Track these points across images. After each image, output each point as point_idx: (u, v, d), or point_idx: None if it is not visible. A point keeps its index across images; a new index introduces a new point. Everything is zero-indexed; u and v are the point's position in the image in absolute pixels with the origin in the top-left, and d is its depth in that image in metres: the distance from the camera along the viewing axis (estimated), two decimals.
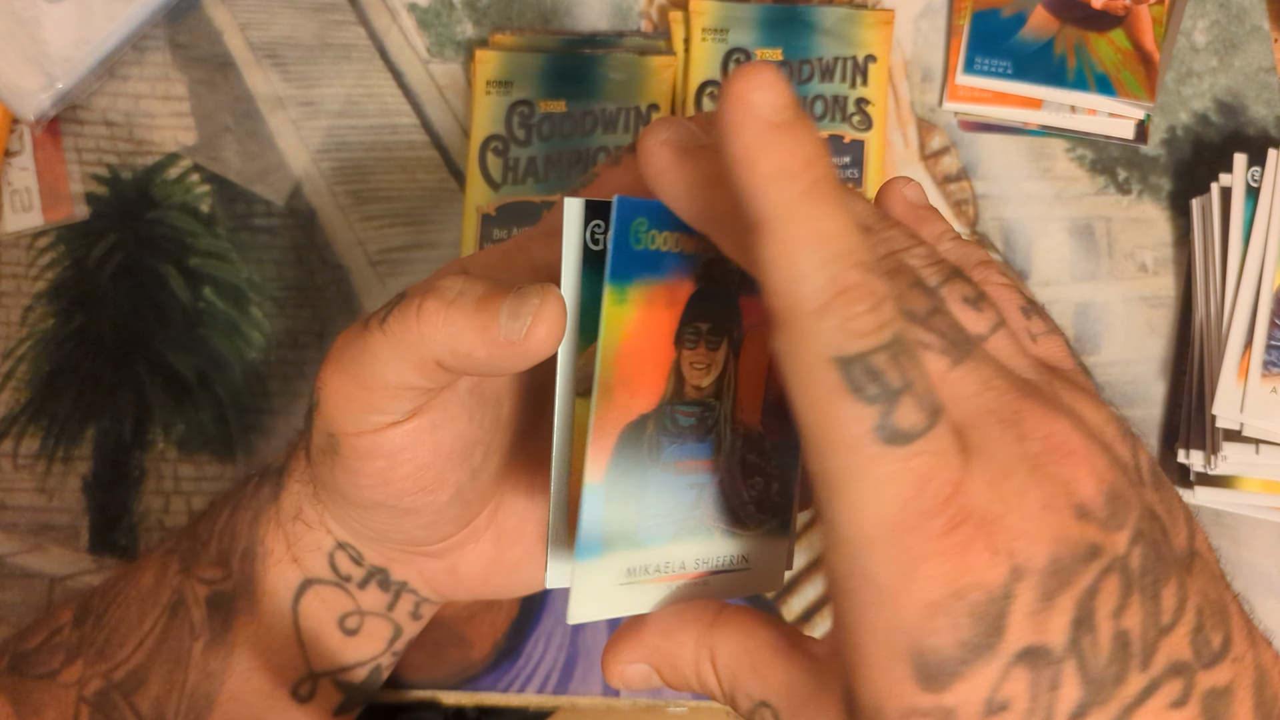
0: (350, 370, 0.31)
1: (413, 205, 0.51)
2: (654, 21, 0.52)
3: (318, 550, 0.37)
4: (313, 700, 0.38)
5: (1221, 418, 0.45)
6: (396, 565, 0.38)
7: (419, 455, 0.33)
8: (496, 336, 0.29)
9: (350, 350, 0.31)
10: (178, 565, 0.39)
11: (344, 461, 0.33)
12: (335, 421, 0.33)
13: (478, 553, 0.37)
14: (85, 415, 0.49)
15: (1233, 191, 0.47)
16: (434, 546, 0.37)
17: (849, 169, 0.49)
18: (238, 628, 0.38)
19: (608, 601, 0.29)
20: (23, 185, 0.51)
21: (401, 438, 0.32)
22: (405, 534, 0.35)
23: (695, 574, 0.30)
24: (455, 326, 0.29)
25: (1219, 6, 0.52)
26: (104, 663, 0.38)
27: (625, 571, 0.29)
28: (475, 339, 0.29)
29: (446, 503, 0.34)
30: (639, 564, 0.29)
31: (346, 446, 0.33)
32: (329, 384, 0.32)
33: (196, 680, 0.37)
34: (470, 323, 0.29)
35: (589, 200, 0.29)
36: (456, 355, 0.30)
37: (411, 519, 0.35)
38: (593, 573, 0.28)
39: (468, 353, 0.29)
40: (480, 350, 0.29)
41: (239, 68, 0.52)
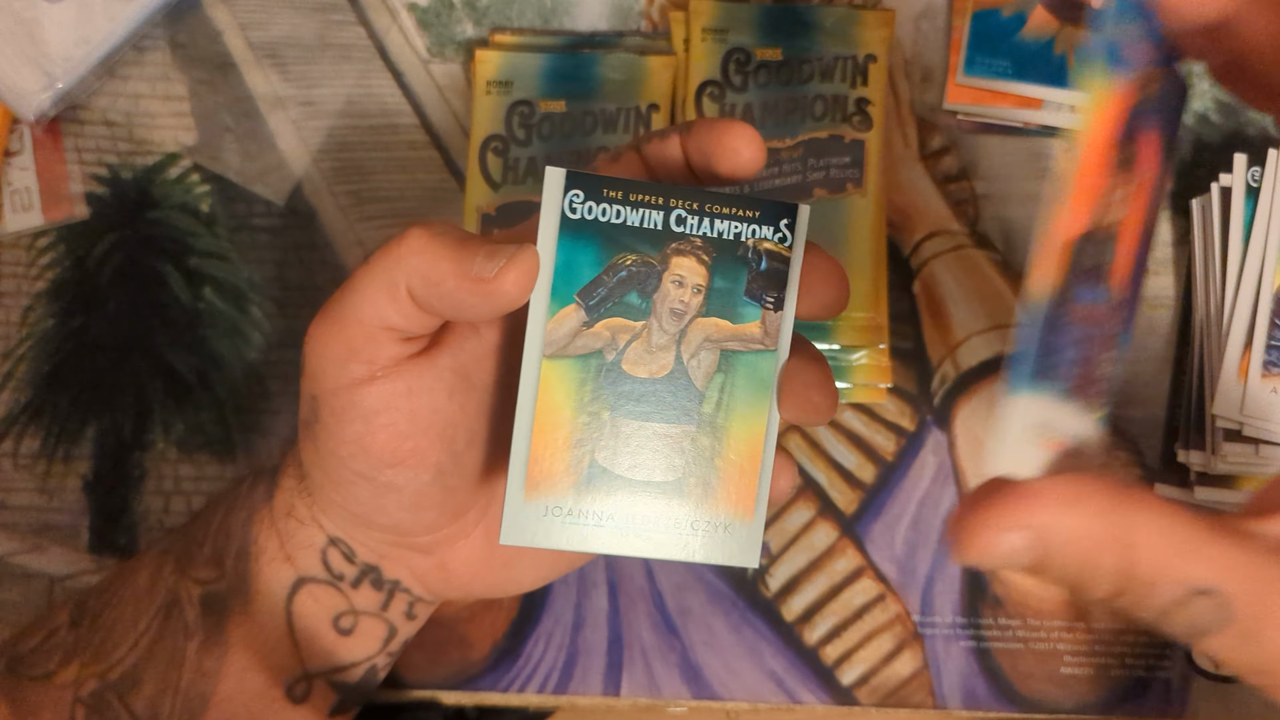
0: (332, 314, 0.33)
1: (413, 205, 0.51)
2: (654, 21, 0.52)
3: (310, 547, 0.38)
4: (308, 700, 0.38)
5: (1221, 418, 0.45)
6: (388, 562, 0.38)
7: (395, 421, 0.33)
8: (469, 270, 0.30)
9: (335, 296, 0.33)
10: (172, 566, 0.39)
11: (325, 426, 0.34)
12: (315, 377, 0.34)
13: (468, 549, 0.38)
14: (85, 415, 0.49)
15: (1233, 191, 0.47)
16: (422, 539, 0.37)
17: (849, 169, 0.49)
18: (231, 627, 0.38)
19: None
20: (23, 185, 0.51)
21: (376, 398, 0.33)
22: (390, 517, 0.36)
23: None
24: (432, 254, 0.31)
25: None
26: (99, 663, 0.38)
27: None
28: (448, 269, 0.31)
29: (428, 483, 0.35)
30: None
31: (326, 407, 0.34)
32: (312, 333, 0.33)
33: (191, 680, 0.37)
34: (447, 253, 0.31)
35: (570, 171, 0.31)
36: (428, 283, 0.31)
37: (394, 498, 0.35)
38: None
39: (438, 281, 0.31)
40: (450, 281, 0.31)
41: (239, 68, 0.52)
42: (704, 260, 0.32)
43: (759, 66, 0.50)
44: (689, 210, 0.32)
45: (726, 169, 0.33)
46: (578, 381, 0.32)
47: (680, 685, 0.46)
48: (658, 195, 0.32)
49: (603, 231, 0.32)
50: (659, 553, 0.32)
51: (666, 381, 0.32)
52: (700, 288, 0.32)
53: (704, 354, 0.32)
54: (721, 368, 0.33)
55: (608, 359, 0.32)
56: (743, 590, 0.47)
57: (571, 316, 0.32)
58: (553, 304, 0.32)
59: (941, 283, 0.50)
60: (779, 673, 0.46)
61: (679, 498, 0.32)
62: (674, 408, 0.32)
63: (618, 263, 0.32)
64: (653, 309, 0.32)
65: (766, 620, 0.47)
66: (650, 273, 0.32)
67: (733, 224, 0.32)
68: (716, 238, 0.32)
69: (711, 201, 0.32)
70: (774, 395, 0.33)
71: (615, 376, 0.32)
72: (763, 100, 0.50)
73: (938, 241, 0.50)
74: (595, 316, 0.32)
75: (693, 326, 0.32)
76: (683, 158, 0.34)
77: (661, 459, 0.32)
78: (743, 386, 0.33)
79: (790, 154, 0.49)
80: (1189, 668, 0.47)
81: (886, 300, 0.49)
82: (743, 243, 0.32)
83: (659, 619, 0.47)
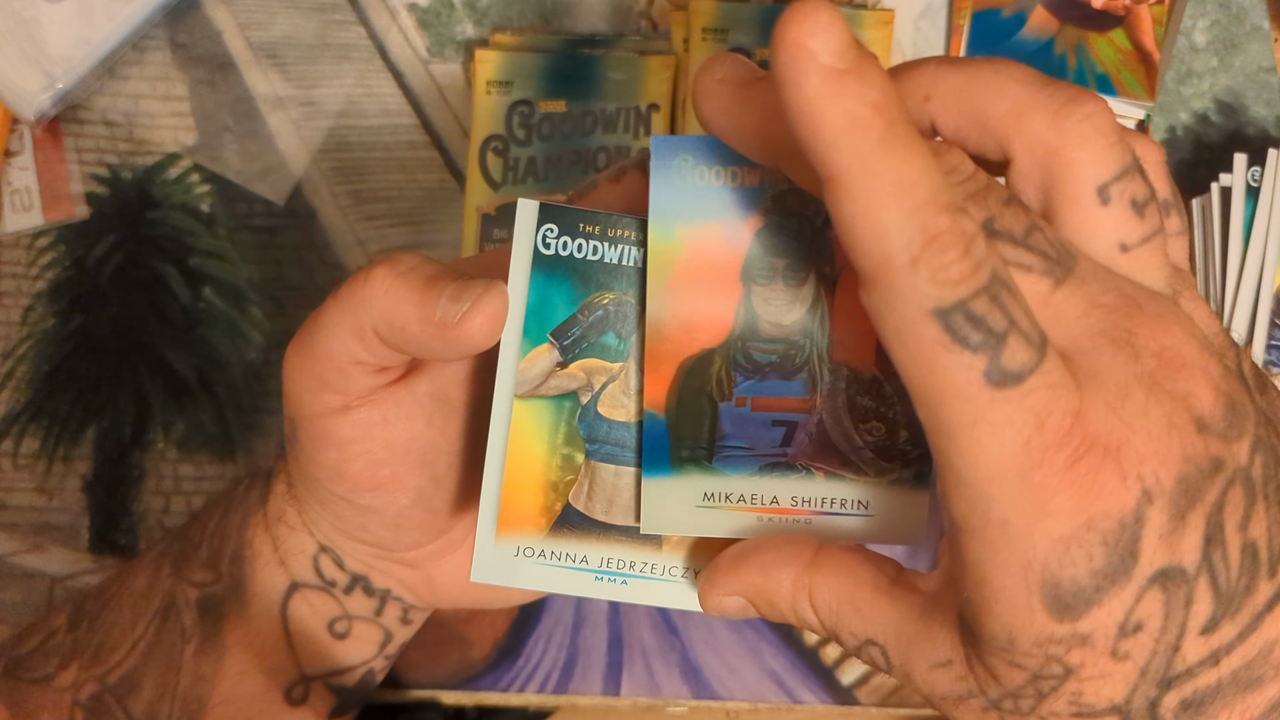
0: (304, 342, 0.32)
1: (413, 205, 0.51)
2: (654, 21, 0.52)
3: (302, 553, 0.37)
4: (306, 703, 0.38)
5: None
6: (376, 574, 0.38)
7: (370, 450, 0.33)
8: (432, 315, 0.29)
9: (307, 323, 0.32)
10: (169, 568, 0.39)
11: (302, 449, 0.34)
12: (292, 401, 0.33)
13: (454, 564, 0.37)
14: (85, 415, 0.49)
15: (1233, 191, 0.47)
16: (407, 554, 0.37)
17: None
18: (228, 630, 0.38)
19: (685, 519, 0.30)
20: (23, 185, 0.51)
21: (350, 427, 0.32)
22: (372, 535, 0.35)
23: (792, 510, 0.30)
24: (395, 296, 0.30)
25: (1219, 6, 0.52)
26: (98, 666, 0.38)
27: (701, 495, 0.30)
28: (411, 313, 0.29)
29: (408, 506, 0.34)
30: (717, 490, 0.30)
31: (303, 432, 0.33)
32: (287, 359, 0.33)
33: (188, 683, 0.37)
34: (411, 296, 0.30)
35: (543, 204, 0.30)
36: (392, 327, 0.30)
37: (374, 518, 0.35)
38: (662, 489, 0.30)
39: (402, 325, 0.30)
40: (414, 326, 0.29)
41: (239, 68, 0.52)
42: None
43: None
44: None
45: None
46: (551, 423, 0.31)
47: (680, 685, 0.46)
48: (637, 230, 0.30)
49: (578, 268, 0.30)
50: (634, 598, 0.31)
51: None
52: None
53: None
54: None
55: (583, 401, 0.31)
56: None
57: (544, 356, 0.30)
58: (525, 342, 0.30)
59: None
60: (779, 673, 0.46)
61: (655, 543, 0.31)
62: None
63: (594, 302, 0.30)
64: (631, 351, 0.30)
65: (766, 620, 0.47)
66: (628, 312, 0.30)
67: None
68: None
69: None
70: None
71: (591, 419, 0.31)
72: None
73: None
74: (570, 357, 0.30)
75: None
76: None
77: (637, 504, 0.31)
78: None
79: None
80: None
81: None
82: None
83: (659, 619, 0.47)
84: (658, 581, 0.31)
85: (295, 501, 0.37)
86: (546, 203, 0.30)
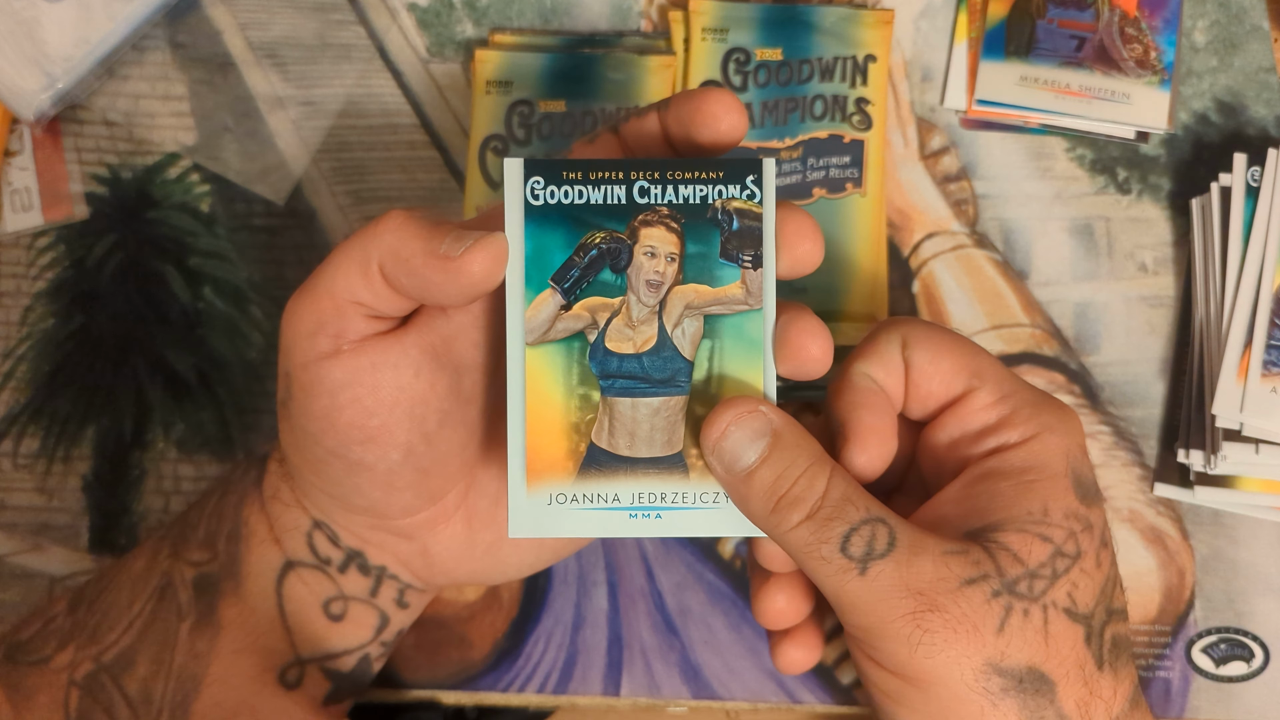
0: (306, 287, 0.34)
1: (412, 205, 0.51)
2: (654, 21, 0.52)
3: (296, 530, 0.38)
4: (300, 687, 0.39)
5: (1221, 417, 0.45)
6: (371, 548, 0.38)
7: (360, 397, 0.34)
8: (436, 249, 0.31)
9: (314, 271, 0.34)
10: (168, 550, 0.39)
11: (296, 402, 0.35)
12: (287, 351, 0.35)
13: (449, 534, 0.38)
14: (85, 415, 0.49)
15: (1233, 191, 0.47)
16: (401, 523, 0.37)
17: (849, 169, 0.49)
18: (223, 609, 0.38)
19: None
20: (23, 185, 0.51)
21: (341, 372, 0.34)
22: (365, 498, 0.36)
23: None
24: (405, 232, 0.32)
25: (1219, 6, 0.52)
26: (94, 646, 0.38)
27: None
28: (417, 247, 0.31)
29: (399, 462, 0.35)
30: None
31: (296, 383, 0.34)
32: (288, 306, 0.35)
33: (183, 661, 0.37)
34: (419, 232, 0.32)
35: (527, 159, 0.31)
36: (398, 258, 0.32)
37: (365, 477, 0.35)
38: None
39: (407, 257, 0.32)
40: (418, 258, 0.31)
41: (239, 68, 0.52)
42: (673, 228, 0.32)
43: (759, 66, 0.50)
44: (651, 180, 0.32)
45: (708, 138, 0.33)
46: (564, 366, 0.32)
47: (680, 685, 0.46)
48: (617, 170, 0.32)
49: (568, 214, 0.32)
50: (670, 531, 0.32)
51: (653, 354, 0.32)
52: (674, 256, 0.32)
53: (687, 322, 0.32)
54: (708, 334, 0.32)
55: (590, 339, 0.32)
56: (742, 590, 0.47)
57: (548, 302, 0.32)
58: (528, 292, 0.32)
59: (941, 283, 0.50)
60: (779, 672, 0.46)
61: (683, 471, 0.32)
62: (664, 380, 0.32)
63: (587, 242, 0.32)
64: (629, 284, 0.32)
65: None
66: (621, 248, 0.32)
67: (698, 188, 0.32)
68: (683, 204, 0.32)
69: (673, 169, 0.32)
70: (766, 351, 0.32)
71: (601, 355, 0.32)
72: (762, 100, 0.50)
73: (938, 241, 0.50)
74: (572, 299, 0.32)
75: (671, 296, 0.32)
76: (661, 134, 0.34)
77: (659, 433, 0.32)
78: (732, 349, 0.32)
79: (790, 154, 0.49)
80: (1189, 668, 0.47)
81: (886, 300, 0.49)
82: (711, 205, 0.32)
83: (659, 619, 0.47)
84: (691, 511, 0.32)
85: (289, 478, 0.38)
86: (530, 158, 0.31)
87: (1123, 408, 0.49)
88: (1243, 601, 0.47)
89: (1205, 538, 0.47)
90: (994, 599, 0.32)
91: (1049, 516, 0.33)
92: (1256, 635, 0.47)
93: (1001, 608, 0.32)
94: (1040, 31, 0.49)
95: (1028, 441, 0.35)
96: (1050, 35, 0.49)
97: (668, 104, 0.34)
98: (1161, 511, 0.48)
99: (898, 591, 0.32)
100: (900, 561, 0.32)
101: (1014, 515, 0.33)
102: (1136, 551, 0.47)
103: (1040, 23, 0.49)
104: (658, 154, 0.35)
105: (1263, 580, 0.47)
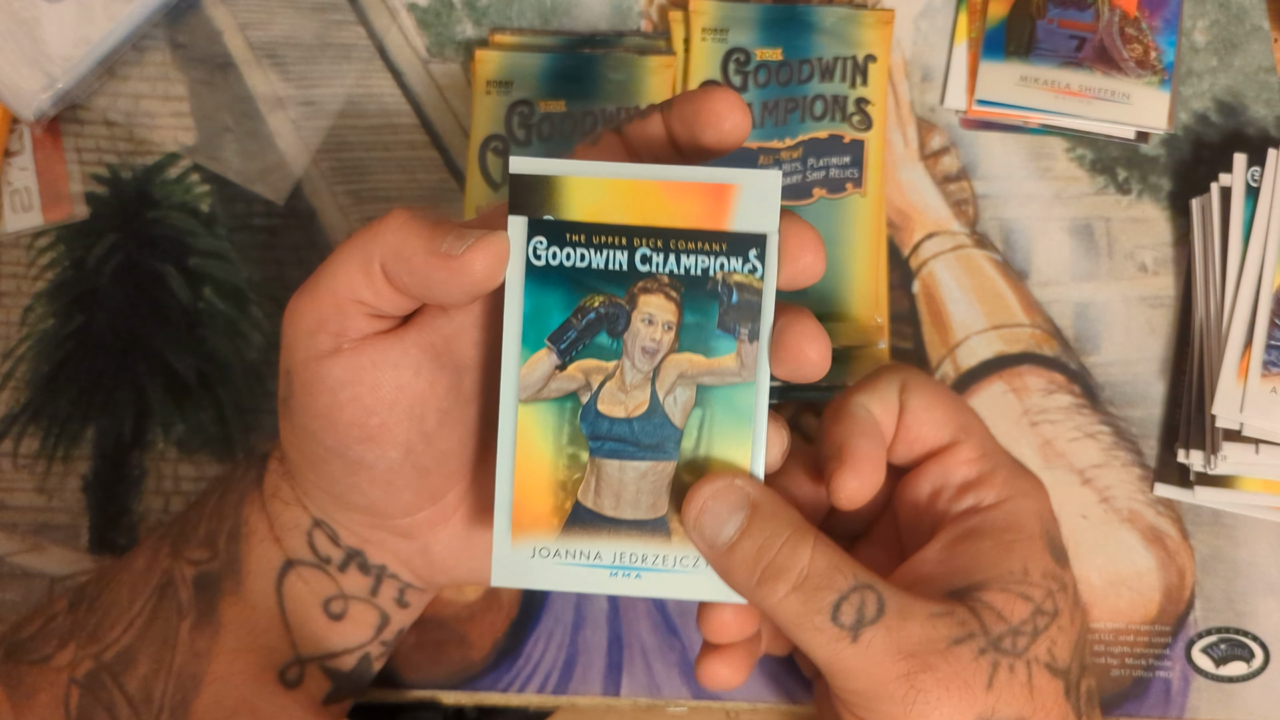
0: (308, 286, 0.34)
1: (413, 205, 0.51)
2: (654, 21, 0.52)
3: (296, 528, 0.38)
4: (301, 686, 0.39)
5: (1221, 418, 0.45)
6: (371, 547, 0.38)
7: (360, 395, 0.34)
8: (437, 247, 0.32)
9: (315, 271, 0.35)
10: (168, 549, 0.39)
11: (296, 400, 0.35)
12: (289, 349, 0.35)
13: (448, 534, 0.38)
14: (85, 415, 0.49)
15: (1232, 191, 0.47)
16: (401, 522, 0.37)
17: (849, 169, 0.49)
18: (224, 607, 0.38)
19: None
20: (23, 185, 0.51)
21: (341, 369, 0.34)
22: (365, 497, 0.36)
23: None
24: (407, 231, 0.32)
25: (1219, 6, 0.52)
26: (95, 644, 0.38)
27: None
28: (419, 246, 0.32)
29: (398, 461, 0.35)
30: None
31: (297, 380, 0.35)
32: (289, 305, 0.35)
33: (184, 660, 0.37)
34: (420, 231, 0.32)
35: (531, 219, 0.31)
36: (399, 257, 0.32)
37: (365, 476, 0.35)
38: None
39: (409, 255, 0.32)
40: (419, 257, 0.32)
41: (239, 68, 0.52)
42: (672, 297, 0.32)
43: (759, 66, 0.50)
44: (654, 248, 0.32)
45: (711, 138, 0.33)
46: (554, 424, 0.32)
47: (680, 685, 0.46)
48: (621, 236, 0.32)
49: (569, 276, 0.32)
50: (649, 592, 0.33)
51: (644, 419, 0.32)
52: (671, 324, 0.32)
53: (680, 390, 0.32)
54: (699, 403, 0.32)
55: (583, 400, 0.32)
56: None
57: (544, 361, 0.32)
58: (524, 349, 0.32)
59: (941, 283, 0.50)
60: (779, 673, 0.46)
61: (665, 535, 0.33)
62: (653, 445, 0.32)
63: (586, 305, 0.32)
64: (624, 348, 0.32)
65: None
66: (619, 313, 0.32)
67: (700, 258, 0.32)
68: (684, 274, 0.32)
69: (676, 238, 0.32)
70: (757, 425, 0.32)
71: (592, 417, 0.32)
72: (763, 100, 0.50)
73: (938, 241, 0.50)
74: (567, 359, 0.32)
75: (666, 363, 0.32)
76: (665, 135, 0.34)
77: (645, 497, 0.32)
78: (722, 420, 0.32)
79: (790, 154, 0.49)
80: (1189, 668, 0.47)
81: (886, 300, 0.49)
82: (711, 277, 0.32)
83: (659, 619, 0.47)
84: (671, 573, 0.33)
85: (289, 477, 0.38)
86: (534, 219, 0.31)
87: (1123, 408, 0.49)
88: (1243, 601, 0.47)
89: (1205, 538, 0.47)
90: (981, 656, 0.33)
91: (1029, 576, 0.35)
92: (1256, 635, 0.47)
93: (989, 664, 0.33)
94: (1040, 31, 0.49)
95: (1004, 503, 0.37)
96: (1050, 35, 0.49)
97: (670, 104, 0.34)
98: (1161, 511, 0.48)
99: (891, 655, 0.33)
100: (891, 626, 0.33)
101: (997, 574, 0.35)
102: (1136, 551, 0.47)
103: (1040, 23, 0.49)
104: (663, 154, 0.34)
105: (1263, 580, 0.47)
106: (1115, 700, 0.46)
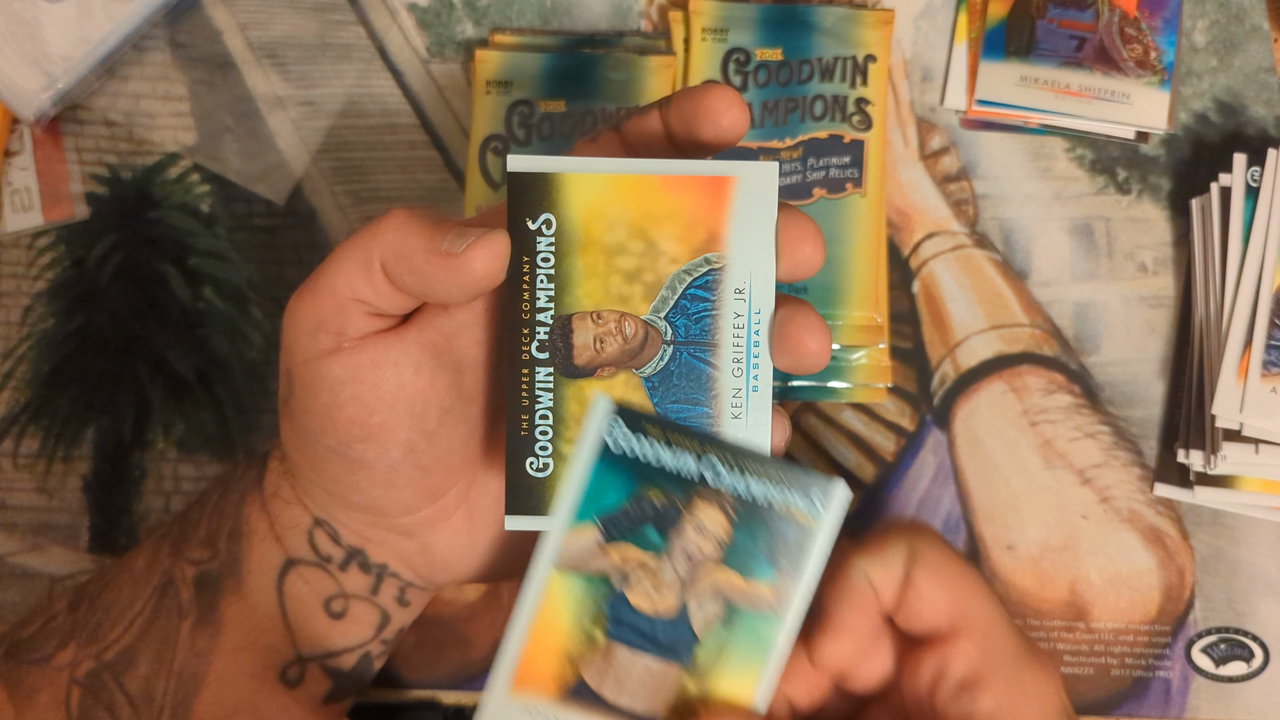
0: (308, 285, 0.34)
1: (413, 205, 0.51)
2: (654, 21, 0.52)
3: (297, 528, 0.38)
4: (301, 685, 0.39)
5: (1221, 418, 0.45)
6: (372, 546, 0.38)
7: (360, 394, 0.34)
8: (438, 245, 0.32)
9: (315, 270, 0.34)
10: (169, 548, 0.39)
11: (297, 400, 0.35)
12: (289, 349, 0.35)
13: (450, 532, 0.38)
14: (85, 415, 0.49)
15: (1232, 191, 0.47)
16: (401, 520, 0.37)
17: (849, 169, 0.49)
18: (224, 607, 0.38)
19: None
20: (23, 185, 0.51)
21: (342, 368, 0.34)
22: (365, 495, 0.36)
23: None
24: (407, 230, 0.32)
25: (1219, 6, 0.52)
26: (95, 644, 0.38)
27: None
28: (419, 244, 0.32)
29: (399, 459, 0.35)
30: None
31: (298, 380, 0.34)
32: (290, 304, 0.35)
33: (184, 659, 0.37)
34: (421, 229, 0.32)
35: (618, 406, 0.32)
36: (399, 256, 0.32)
37: (366, 474, 0.35)
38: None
39: (409, 254, 0.32)
40: (420, 255, 0.32)
41: (239, 68, 0.52)
42: (729, 514, 0.32)
43: (759, 66, 0.50)
44: (725, 464, 0.32)
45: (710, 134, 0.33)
46: (580, 600, 0.32)
47: None
48: (697, 441, 0.32)
49: (636, 467, 0.32)
50: None
51: (668, 620, 0.33)
52: (721, 542, 0.32)
53: (709, 602, 0.32)
54: (724, 620, 0.32)
55: (615, 586, 0.32)
56: None
57: (588, 535, 0.32)
58: (575, 520, 0.32)
59: (941, 283, 0.50)
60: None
61: None
62: (669, 646, 0.32)
63: (644, 495, 0.32)
64: (669, 547, 0.32)
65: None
66: (674, 514, 0.32)
67: (767, 488, 0.32)
68: (748, 497, 0.32)
69: (749, 460, 0.32)
70: (770, 660, 0.32)
71: (618, 605, 0.32)
72: (762, 100, 0.50)
73: (938, 241, 0.50)
74: (611, 541, 0.32)
75: (704, 573, 0.32)
76: (663, 132, 0.34)
77: (646, 692, 0.32)
78: (741, 644, 0.32)
79: (790, 154, 0.49)
80: (1189, 668, 0.47)
81: (886, 300, 0.49)
82: (773, 508, 0.32)
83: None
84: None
85: (290, 476, 0.38)
86: (620, 405, 0.32)
87: (1123, 408, 0.49)
88: (1242, 601, 0.47)
89: (1205, 538, 0.47)
90: None
91: None
92: (1256, 635, 0.47)
93: None
94: (1040, 32, 0.49)
95: (999, 715, 0.34)
96: (1050, 35, 0.49)
97: (669, 102, 0.34)
98: (1161, 511, 0.48)
99: None
100: None
101: None
102: (1136, 551, 0.47)
103: (1040, 23, 0.49)
104: (660, 151, 0.34)
105: (1263, 580, 0.47)
106: (1115, 700, 0.46)
